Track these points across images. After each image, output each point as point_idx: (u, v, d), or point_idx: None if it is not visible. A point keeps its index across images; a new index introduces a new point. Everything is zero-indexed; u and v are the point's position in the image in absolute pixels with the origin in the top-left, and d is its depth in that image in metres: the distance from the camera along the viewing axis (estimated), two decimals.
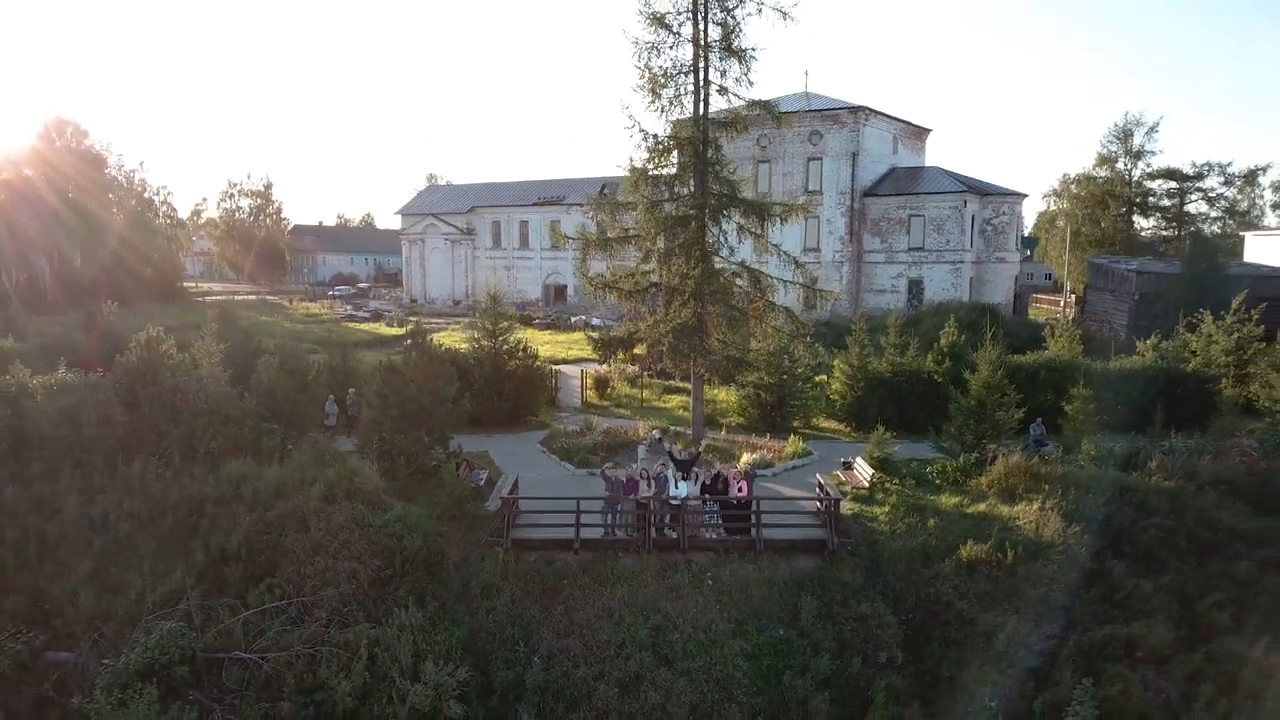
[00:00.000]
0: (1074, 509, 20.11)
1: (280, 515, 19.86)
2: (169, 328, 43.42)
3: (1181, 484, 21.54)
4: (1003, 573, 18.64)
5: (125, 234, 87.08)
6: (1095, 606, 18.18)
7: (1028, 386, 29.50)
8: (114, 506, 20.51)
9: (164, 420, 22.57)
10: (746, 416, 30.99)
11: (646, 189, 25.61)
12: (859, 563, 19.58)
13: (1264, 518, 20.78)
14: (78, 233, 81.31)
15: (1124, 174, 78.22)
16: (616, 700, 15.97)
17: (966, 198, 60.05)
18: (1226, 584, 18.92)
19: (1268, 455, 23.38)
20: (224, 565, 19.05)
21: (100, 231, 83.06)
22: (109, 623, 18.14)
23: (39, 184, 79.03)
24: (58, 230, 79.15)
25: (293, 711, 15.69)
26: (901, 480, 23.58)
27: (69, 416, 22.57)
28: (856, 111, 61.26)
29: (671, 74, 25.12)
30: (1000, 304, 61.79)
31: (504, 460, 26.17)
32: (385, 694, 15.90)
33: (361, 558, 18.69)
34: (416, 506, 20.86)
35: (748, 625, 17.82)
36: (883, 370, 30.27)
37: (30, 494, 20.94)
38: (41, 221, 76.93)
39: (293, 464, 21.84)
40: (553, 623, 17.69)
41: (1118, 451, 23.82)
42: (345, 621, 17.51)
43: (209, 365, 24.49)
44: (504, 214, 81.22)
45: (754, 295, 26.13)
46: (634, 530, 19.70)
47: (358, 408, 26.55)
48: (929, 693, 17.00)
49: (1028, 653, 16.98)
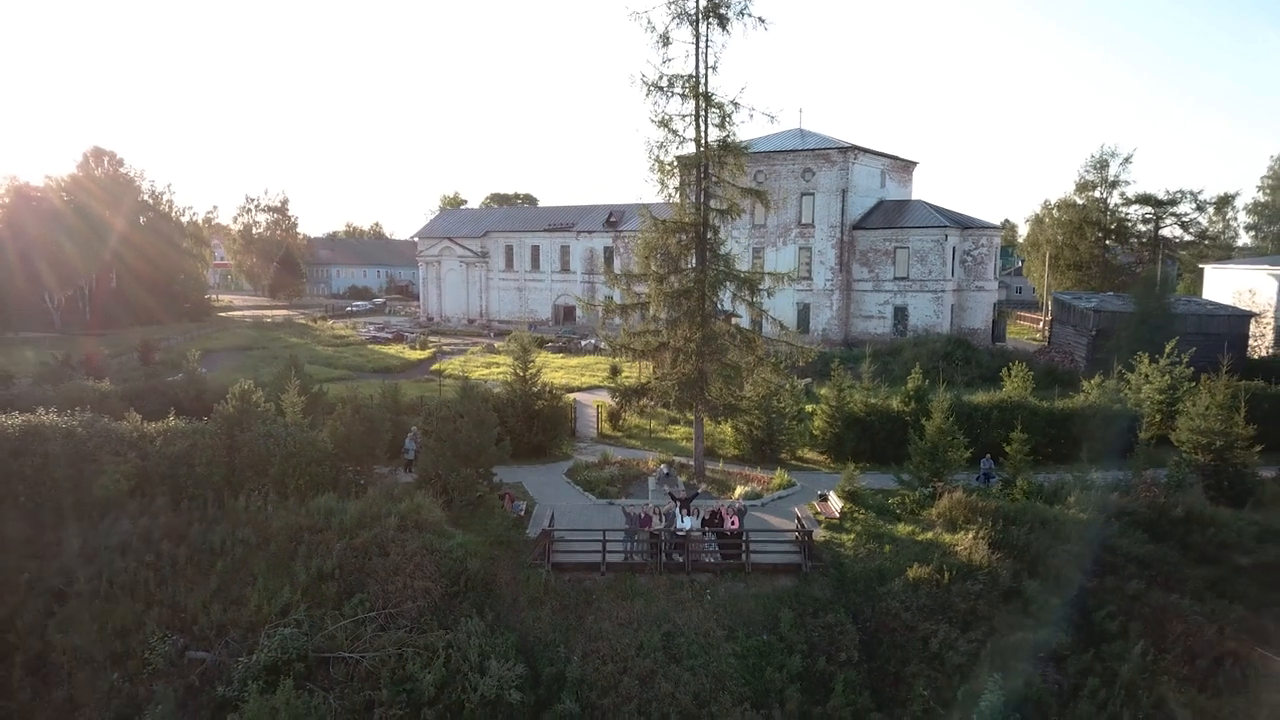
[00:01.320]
0: (1001, 537, 24.99)
1: (364, 542, 24.77)
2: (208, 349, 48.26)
3: (1093, 516, 26.43)
4: (940, 590, 23.52)
5: (157, 255, 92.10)
6: (1011, 617, 23.04)
7: (982, 424, 34.50)
8: (228, 534, 25.43)
9: (260, 461, 27.52)
10: (741, 449, 35.92)
11: (656, 263, 30.46)
12: (827, 581, 24.49)
13: (1156, 544, 25.70)
14: (114, 255, 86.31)
15: (1100, 202, 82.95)
16: (637, 689, 20.86)
17: (948, 231, 64.91)
18: (1118, 598, 23.80)
19: (1169, 490, 28.25)
20: (322, 583, 23.96)
21: (135, 253, 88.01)
22: (235, 628, 23.06)
23: (79, 209, 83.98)
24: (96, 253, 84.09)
25: (389, 698, 20.57)
26: (867, 510, 28.48)
27: (183, 459, 27.52)
28: (846, 151, 66.13)
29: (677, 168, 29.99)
30: (980, 329, 66.73)
31: (535, 490, 31.10)
32: (459, 685, 20.77)
33: (433, 577, 23.61)
34: (471, 534, 25.79)
35: (738, 632, 22.72)
36: (858, 410, 35.17)
37: (159, 524, 25.89)
38: (81, 245, 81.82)
39: (368, 498, 26.74)
40: (585, 629, 22.60)
41: (1046, 487, 28.70)
42: (423, 628, 22.39)
43: (292, 414, 29.38)
44: (516, 238, 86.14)
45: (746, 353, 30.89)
46: (648, 556, 24.62)
47: (416, 447, 31.46)
48: (878, 684, 21.89)
49: (955, 653, 21.82)
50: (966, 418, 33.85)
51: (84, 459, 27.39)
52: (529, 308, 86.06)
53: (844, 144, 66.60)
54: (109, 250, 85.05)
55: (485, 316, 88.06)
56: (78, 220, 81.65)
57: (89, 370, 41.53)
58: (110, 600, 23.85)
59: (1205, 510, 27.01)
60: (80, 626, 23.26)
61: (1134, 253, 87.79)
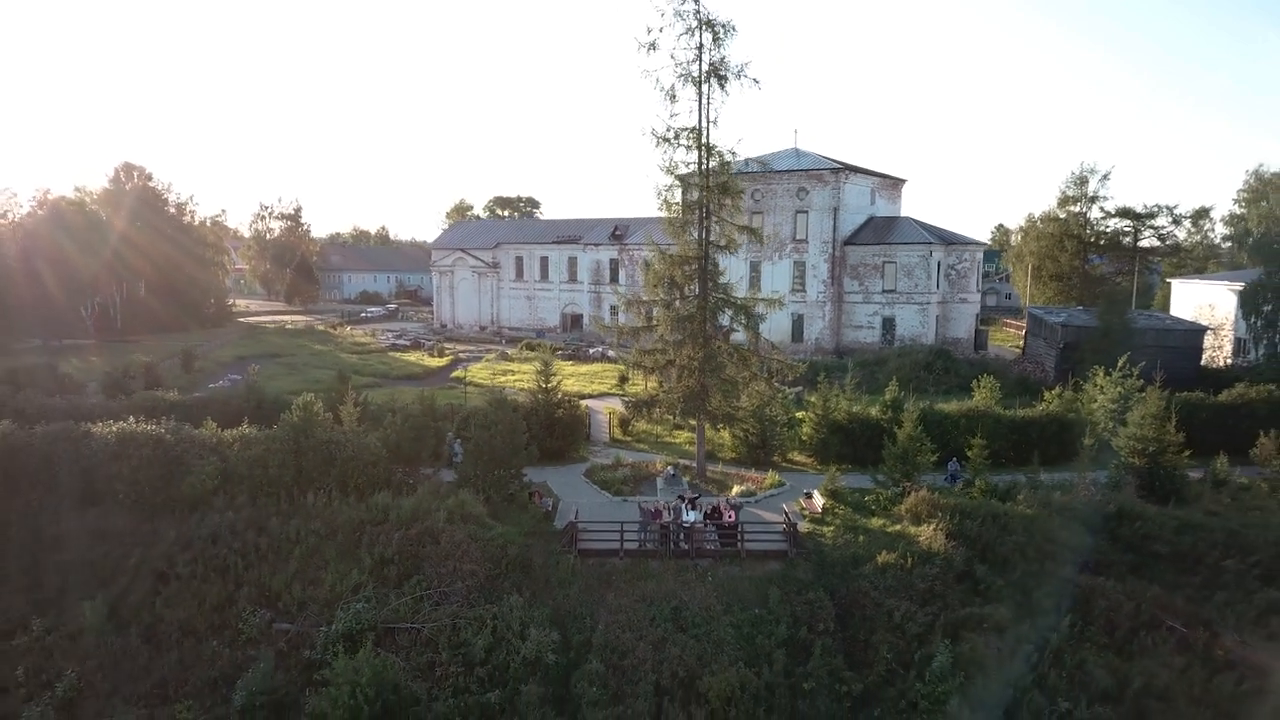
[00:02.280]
0: (957, 529, 29.50)
1: (418, 532, 29.26)
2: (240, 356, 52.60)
3: (1038, 511, 30.96)
4: (904, 573, 28.01)
5: (182, 264, 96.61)
6: (962, 595, 27.55)
7: (952, 431, 38.99)
8: (301, 526, 29.94)
9: (324, 463, 32.03)
10: (737, 452, 40.42)
11: (663, 292, 34.97)
12: (809, 565, 29.00)
13: (1090, 535, 30.21)
14: (142, 265, 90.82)
15: (1080, 216, 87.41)
16: (650, 653, 25.34)
17: (933, 247, 69.44)
18: (1054, 581, 28.31)
19: (1107, 490, 32.77)
20: (384, 566, 28.46)
21: (161, 262, 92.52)
22: (313, 604, 27.55)
23: (110, 221, 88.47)
24: (127, 262, 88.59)
25: (447, 659, 25.06)
26: (846, 506, 32.99)
27: (258, 461, 32.01)
28: (838, 172, 70.65)
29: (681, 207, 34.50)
30: (963, 338, 71.29)
31: (559, 488, 35.61)
32: (504, 649, 25.25)
33: (478, 561, 28.12)
34: (508, 525, 30.30)
35: (734, 606, 27.20)
36: (841, 418, 39.68)
37: (242, 517, 30.40)
38: (113, 255, 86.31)
39: (419, 495, 31.23)
40: (607, 605, 27.10)
41: (1000, 487, 33.22)
42: (472, 603, 26.87)
43: (349, 422, 33.87)
44: (526, 250, 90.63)
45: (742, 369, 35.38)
46: (659, 544, 29.12)
47: (458, 452, 35.99)
48: (850, 649, 26.37)
49: (914, 624, 26.29)
50: (937, 425, 38.37)
51: (173, 462, 31.89)
52: (538, 316, 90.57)
53: (836, 165, 71.09)
54: (139, 260, 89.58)
55: (496, 324, 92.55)
56: (110, 232, 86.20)
57: (148, 381, 45.94)
58: (206, 581, 28.38)
59: (1134, 507, 31.54)
60: (183, 603, 27.78)
61: (1114, 264, 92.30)
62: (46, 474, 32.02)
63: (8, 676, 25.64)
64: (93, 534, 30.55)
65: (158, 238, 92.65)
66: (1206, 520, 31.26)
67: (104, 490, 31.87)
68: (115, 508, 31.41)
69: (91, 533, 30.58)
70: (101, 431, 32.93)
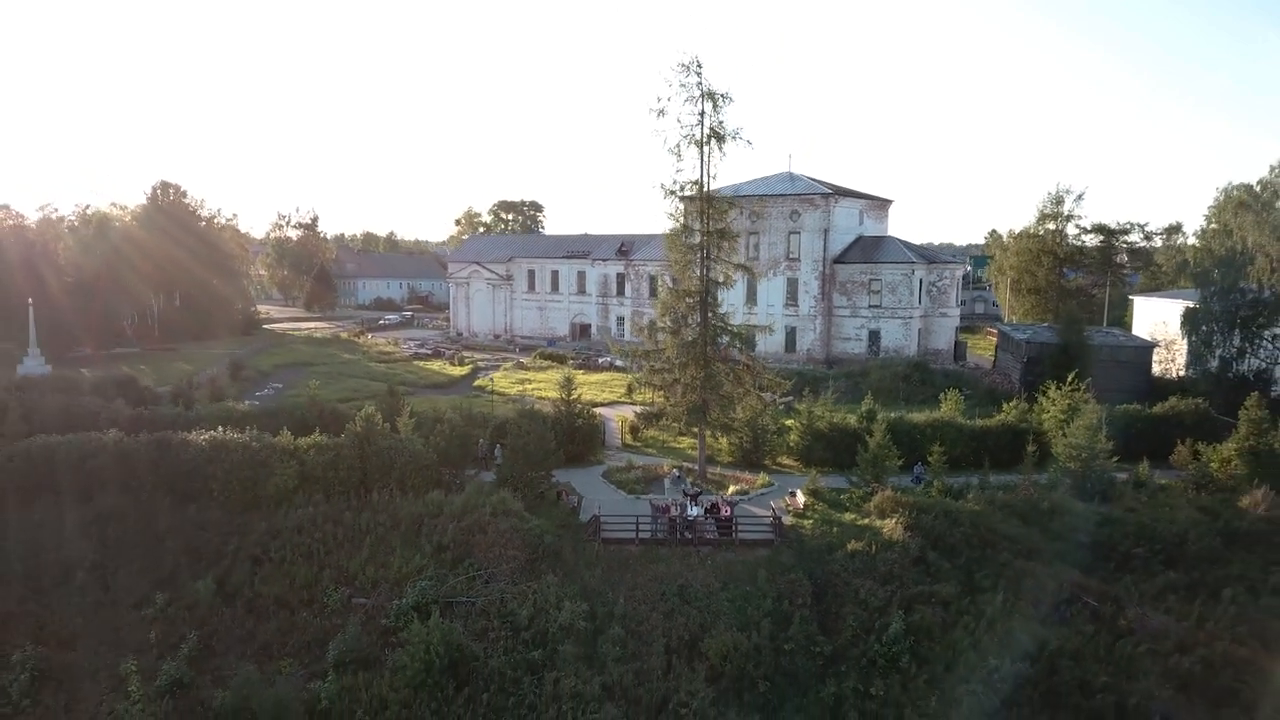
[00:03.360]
0: (914, 522, 35.55)
1: (468, 525, 35.32)
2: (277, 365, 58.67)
3: (984, 507, 37.03)
4: (869, 558, 34.07)
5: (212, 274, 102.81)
6: (916, 576, 33.58)
7: (919, 438, 45.01)
8: (370, 519, 36.03)
9: (385, 466, 38.10)
10: (733, 456, 46.49)
11: (670, 320, 41.04)
12: (792, 552, 35.06)
13: (1025, 527, 36.28)
14: (177, 276, 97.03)
15: (1056, 233, 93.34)
16: (661, 621, 31.39)
17: (915, 266, 75.52)
18: (993, 565, 34.34)
19: (1044, 490, 38.83)
20: (441, 552, 34.52)
21: (194, 273, 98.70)
22: (385, 583, 33.62)
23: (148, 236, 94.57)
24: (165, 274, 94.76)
25: (498, 625, 31.09)
26: (824, 504, 39.06)
27: (330, 464, 38.09)
28: (828, 196, 76.71)
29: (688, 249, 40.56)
30: (943, 349, 77.38)
31: (581, 488, 41.67)
32: (544, 617, 31.27)
33: (519, 548, 34.17)
34: (542, 519, 36.38)
35: (729, 585, 33.24)
36: (823, 427, 45.75)
37: (320, 512, 36.49)
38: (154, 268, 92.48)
39: (466, 494, 37.30)
40: (625, 583, 33.15)
41: (955, 487, 39.30)
42: (515, 582, 32.92)
43: (406, 431, 39.94)
44: (538, 264, 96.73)
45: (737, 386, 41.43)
46: (667, 534, 35.19)
47: (500, 456, 42.06)
48: (823, 620, 32.39)
49: (875, 599, 32.31)
50: (906, 433, 44.43)
51: (258, 465, 37.95)
52: (549, 325, 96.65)
53: (827, 190, 77.16)
54: (174, 271, 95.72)
55: (509, 332, 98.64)
56: (151, 246, 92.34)
57: (213, 392, 51.96)
58: (294, 564, 34.47)
59: (1065, 504, 37.63)
60: (276, 581, 33.85)
61: (1090, 277, 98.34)
62: (153, 476, 38.07)
63: (142, 638, 31.71)
64: (194, 525, 36.68)
65: (191, 250, 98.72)
66: (1124, 515, 37.36)
67: (200, 489, 37.96)
68: (210, 503, 37.51)
69: (193, 524, 36.72)
70: (195, 439, 38.99)
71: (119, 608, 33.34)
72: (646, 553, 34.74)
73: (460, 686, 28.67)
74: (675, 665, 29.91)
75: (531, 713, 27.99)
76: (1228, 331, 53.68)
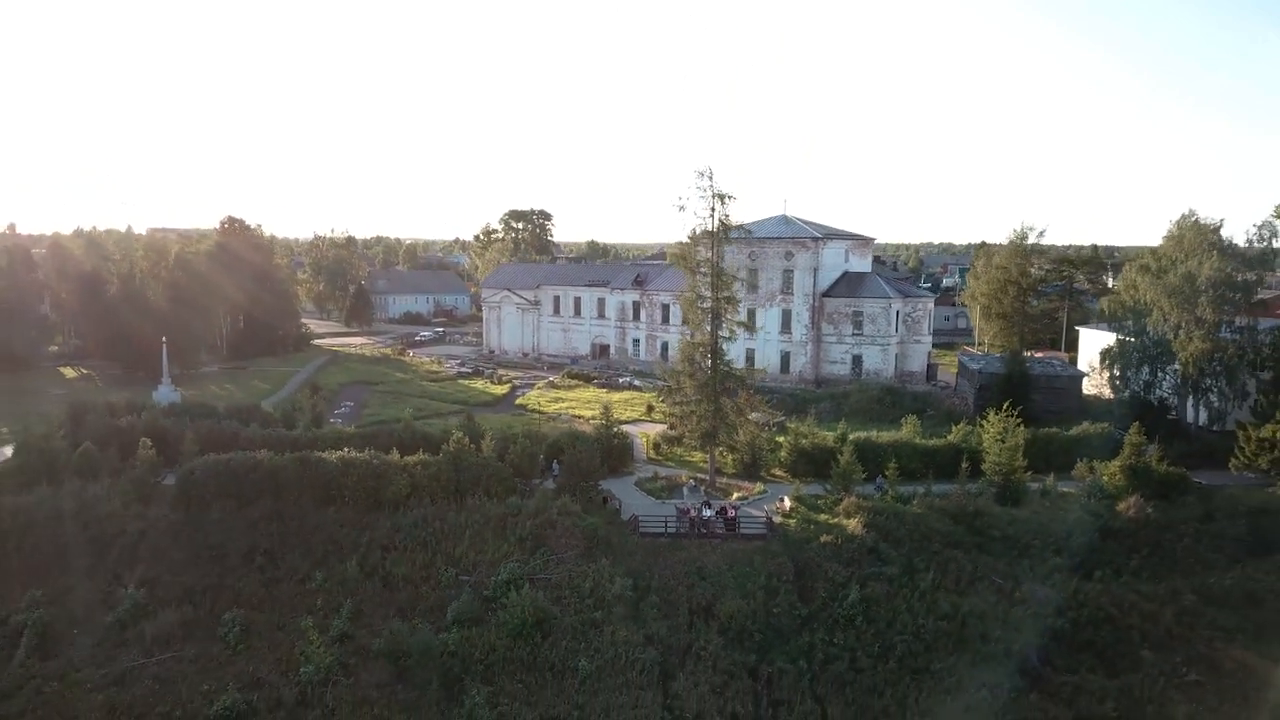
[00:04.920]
0: (871, 521, 47.95)
1: (540, 522, 47.72)
2: (343, 383, 72.26)
3: (924, 510, 49.43)
4: (836, 548, 46.42)
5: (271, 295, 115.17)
6: (870, 561, 45.96)
7: (882, 454, 57.31)
8: (466, 518, 48.43)
9: (474, 478, 50.54)
10: (736, 469, 58.84)
11: (687, 366, 53.41)
12: (779, 543, 47.44)
13: (955, 525, 48.65)
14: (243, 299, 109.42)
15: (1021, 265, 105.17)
16: (685, 592, 43.80)
17: (893, 300, 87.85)
18: (927, 553, 46.69)
19: (973, 497, 51.18)
20: (522, 542, 46.90)
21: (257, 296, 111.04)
22: (481, 564, 46.04)
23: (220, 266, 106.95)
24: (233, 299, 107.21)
25: (568, 594, 43.44)
26: (806, 507, 51.45)
27: (433, 477, 50.47)
28: (818, 239, 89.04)
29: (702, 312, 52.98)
30: (917, 371, 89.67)
31: (619, 494, 54.00)
32: (601, 589, 43.55)
33: (579, 539, 46.56)
34: (594, 517, 48.82)
35: (734, 567, 45.61)
36: (806, 445, 58.12)
37: (430, 513, 48.91)
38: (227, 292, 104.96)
39: (536, 499, 49.67)
40: (658, 565, 45.60)
41: (906, 495, 51.69)
42: (579, 564, 45.27)
43: (487, 451, 52.34)
44: (562, 291, 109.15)
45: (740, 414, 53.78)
46: (688, 530, 47.65)
47: (557, 470, 54.50)
48: (801, 591, 44.69)
49: (839, 576, 44.66)
50: (871, 451, 56.75)
51: (378, 477, 50.34)
52: (572, 345, 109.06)
53: (816, 234, 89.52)
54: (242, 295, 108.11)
55: (536, 351, 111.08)
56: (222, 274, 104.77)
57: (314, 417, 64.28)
58: (413, 552, 46.87)
59: (986, 508, 50.01)
60: (401, 564, 46.16)
61: (1052, 302, 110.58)
62: (297, 485, 50.44)
63: (310, 603, 44.07)
64: (334, 523, 49.09)
65: (253, 275, 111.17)
66: (1030, 516, 49.82)
67: (334, 495, 50.34)
68: (344, 506, 49.92)
69: (333, 522, 49.13)
70: (329, 457, 51.40)
71: (289, 582, 45.83)
72: (673, 543, 47.20)
73: (544, 636, 41.03)
74: (695, 623, 42.36)
75: (597, 654, 40.33)
76: (1138, 367, 65.93)
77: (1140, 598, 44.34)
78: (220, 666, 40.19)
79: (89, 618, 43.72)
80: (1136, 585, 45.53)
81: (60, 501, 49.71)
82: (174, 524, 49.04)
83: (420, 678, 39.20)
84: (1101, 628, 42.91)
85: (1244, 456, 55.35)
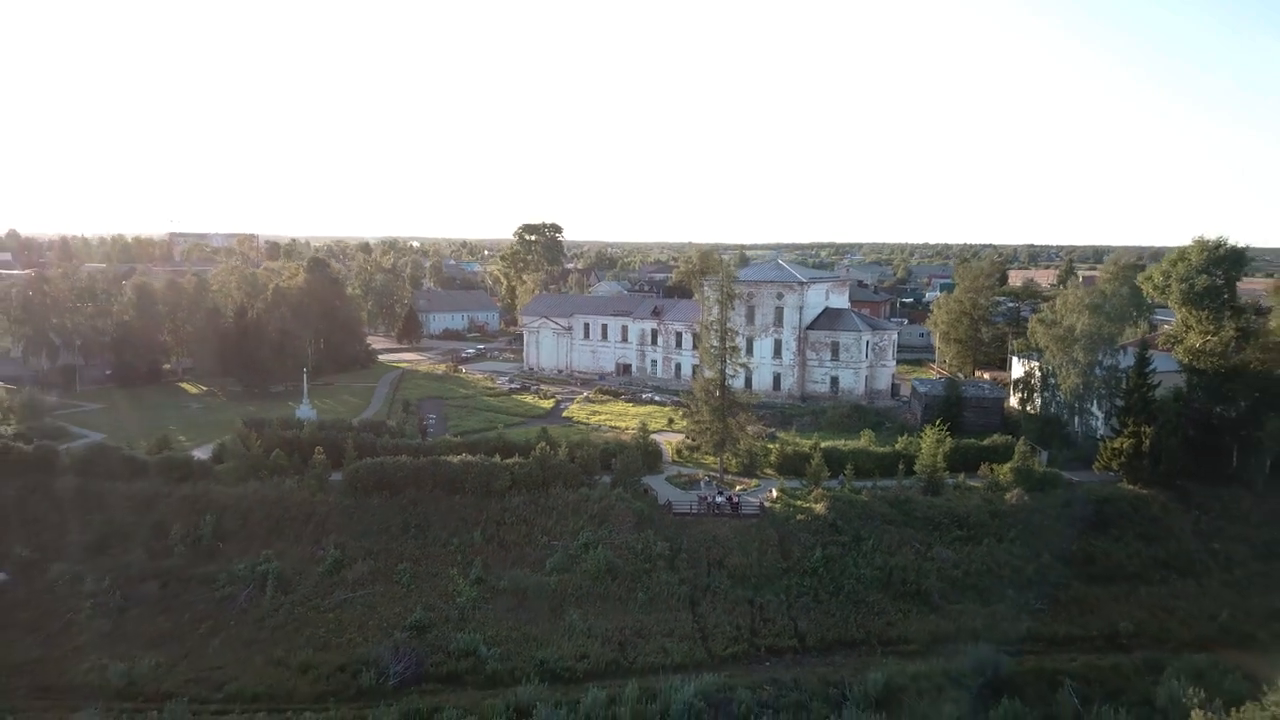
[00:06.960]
0: (832, 506, 69.46)
1: (603, 506, 69.17)
2: (419, 398, 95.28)
3: (870, 499, 70.97)
4: (807, 524, 67.87)
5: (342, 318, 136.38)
6: (830, 533, 67.45)
7: (844, 458, 78.78)
8: (551, 502, 69.83)
9: (555, 474, 71.99)
10: (739, 469, 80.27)
11: (703, 393, 74.93)
12: (768, 521, 68.93)
13: (891, 509, 70.16)
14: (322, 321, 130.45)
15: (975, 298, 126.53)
16: (705, 551, 65.24)
17: (863, 333, 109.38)
18: (871, 528, 68.19)
19: (905, 489, 72.66)
20: (591, 520, 68.25)
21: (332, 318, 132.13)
22: (563, 534, 67.60)
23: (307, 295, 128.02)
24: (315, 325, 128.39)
25: (627, 553, 64.88)
26: (788, 496, 72.91)
27: (529, 475, 71.88)
28: (803, 284, 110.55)
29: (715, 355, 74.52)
30: (883, 389, 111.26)
31: (655, 486, 75.43)
32: (649, 551, 64.94)
33: (631, 518, 67.98)
34: (640, 503, 70.32)
35: (737, 535, 67.11)
36: (790, 451, 79.56)
37: (525, 499, 70.32)
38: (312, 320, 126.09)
39: (598, 489, 71.08)
40: (686, 535, 67.13)
41: (859, 489, 73.23)
42: (632, 534, 66.65)
43: (563, 453, 73.76)
44: (591, 319, 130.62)
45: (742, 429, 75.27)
46: (706, 511, 69.13)
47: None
48: (781, 552, 66.23)
49: (808, 543, 66.12)
50: (837, 456, 78.19)
51: (488, 473, 71.69)
52: (599, 364, 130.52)
53: (802, 279, 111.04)
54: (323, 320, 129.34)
55: (570, 369, 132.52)
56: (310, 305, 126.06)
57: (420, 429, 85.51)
58: (517, 527, 68.32)
59: (914, 497, 71.49)
60: (509, 534, 67.61)
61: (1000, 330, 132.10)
62: (431, 480, 71.71)
63: (452, 560, 65.46)
64: (459, 506, 70.42)
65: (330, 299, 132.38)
66: (943, 502, 71.30)
67: (457, 487, 71.66)
68: (465, 495, 71.30)
69: (458, 505, 70.46)
70: (452, 459, 72.78)
71: (435, 545, 67.20)
72: (696, 520, 68.73)
73: (613, 579, 62.49)
74: (712, 570, 63.91)
75: (647, 590, 61.77)
76: (1042, 390, 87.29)
77: (1011, 556, 65.97)
78: (402, 598, 61.53)
79: (304, 569, 65.11)
80: (1010, 549, 67.07)
81: (266, 491, 71.06)
82: (347, 507, 70.37)
83: (535, 605, 60.66)
84: (984, 576, 64.52)
85: (1103, 460, 76.89)
